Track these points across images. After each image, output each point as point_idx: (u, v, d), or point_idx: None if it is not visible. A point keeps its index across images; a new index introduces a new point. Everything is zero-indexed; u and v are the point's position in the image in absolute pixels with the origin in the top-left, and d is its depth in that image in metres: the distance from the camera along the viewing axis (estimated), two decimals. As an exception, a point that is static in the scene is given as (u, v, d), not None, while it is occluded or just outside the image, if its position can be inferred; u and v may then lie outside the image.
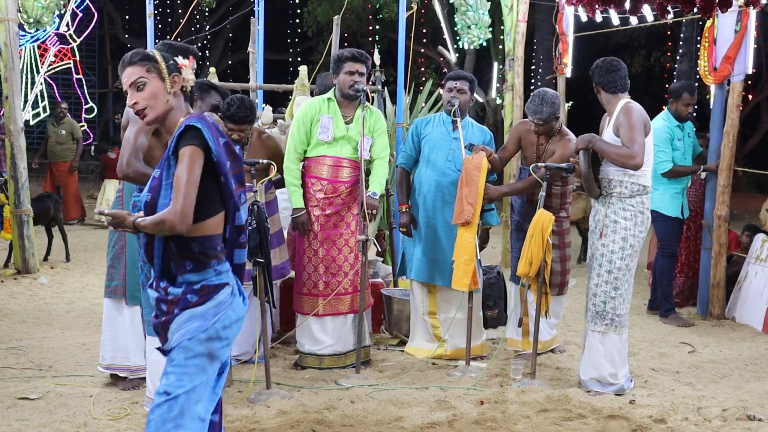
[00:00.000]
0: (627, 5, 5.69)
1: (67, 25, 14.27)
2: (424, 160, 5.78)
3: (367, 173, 5.65)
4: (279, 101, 10.23)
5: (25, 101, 13.73)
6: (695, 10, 5.38)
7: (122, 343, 4.79)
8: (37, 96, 14.77)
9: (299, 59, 21.23)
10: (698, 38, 11.71)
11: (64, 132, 12.52)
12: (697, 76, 10.77)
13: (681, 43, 16.58)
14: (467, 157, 5.40)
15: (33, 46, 14.41)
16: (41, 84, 14.71)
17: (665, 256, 7.13)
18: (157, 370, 4.38)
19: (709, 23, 7.10)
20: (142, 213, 2.96)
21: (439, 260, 5.68)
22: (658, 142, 6.70)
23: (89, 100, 15.94)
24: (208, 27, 21.34)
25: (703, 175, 7.16)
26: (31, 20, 10.14)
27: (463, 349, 5.55)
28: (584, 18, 8.07)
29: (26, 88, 14.14)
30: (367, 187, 5.42)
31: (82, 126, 15.07)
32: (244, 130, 5.17)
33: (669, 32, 19.09)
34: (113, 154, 12.78)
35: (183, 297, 2.91)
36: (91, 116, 16.01)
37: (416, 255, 5.77)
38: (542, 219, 5.07)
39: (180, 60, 3.07)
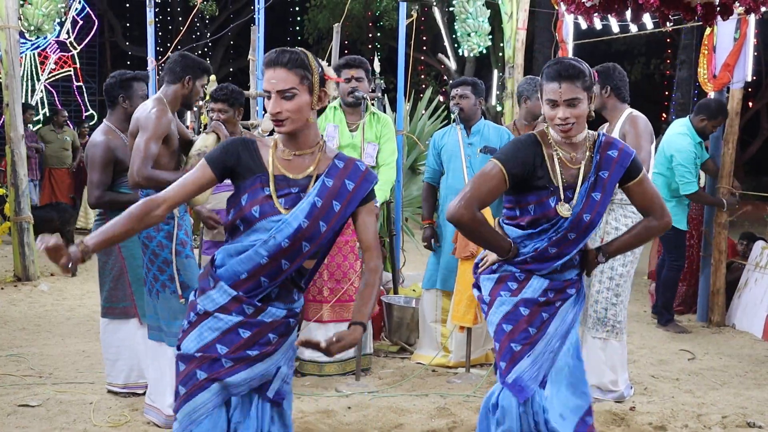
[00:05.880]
0: (628, 14, 5.70)
1: (68, 32, 14.32)
2: (446, 171, 5.78)
3: None
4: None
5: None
6: (696, 18, 5.40)
7: (137, 361, 4.75)
8: (37, 103, 14.81)
9: (299, 67, 21.22)
10: (698, 46, 11.72)
11: (68, 138, 12.55)
12: (697, 84, 10.78)
13: (680, 50, 16.62)
14: None
15: (33, 54, 14.46)
16: (41, 91, 14.75)
17: (673, 270, 7.00)
18: (156, 375, 4.38)
19: (708, 31, 7.12)
20: None
21: (452, 268, 5.65)
22: (684, 161, 6.63)
23: (89, 107, 15.97)
24: (208, 34, 21.38)
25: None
26: (32, 28, 10.18)
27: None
28: (584, 26, 8.08)
29: (26, 95, 14.17)
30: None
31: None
32: (225, 111, 5.18)
33: (668, 40, 19.13)
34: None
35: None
36: (91, 123, 16.04)
37: (430, 263, 5.78)
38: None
39: (329, 71, 2.73)
